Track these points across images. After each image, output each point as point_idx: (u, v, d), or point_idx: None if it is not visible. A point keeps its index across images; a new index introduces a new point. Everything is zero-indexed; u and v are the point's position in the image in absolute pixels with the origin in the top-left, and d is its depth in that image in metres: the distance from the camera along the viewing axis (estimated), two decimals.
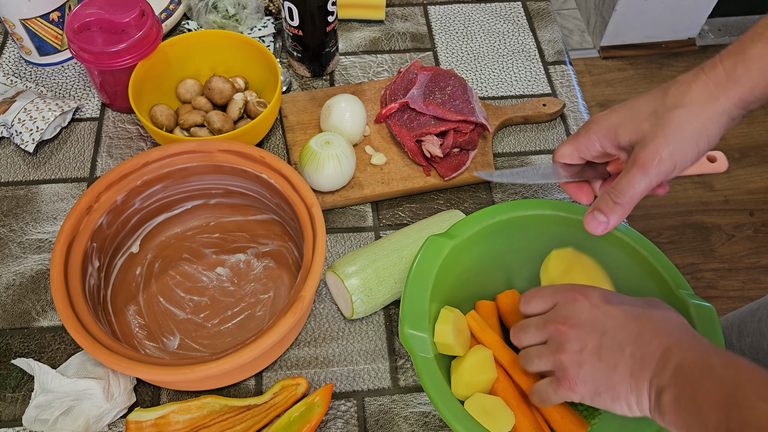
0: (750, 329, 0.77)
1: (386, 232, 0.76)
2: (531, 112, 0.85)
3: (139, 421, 0.60)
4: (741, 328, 0.79)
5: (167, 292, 0.70)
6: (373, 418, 0.64)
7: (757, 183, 1.85)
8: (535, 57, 0.94)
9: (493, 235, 0.63)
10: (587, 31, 2.20)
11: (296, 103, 0.84)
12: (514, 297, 0.65)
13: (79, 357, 0.62)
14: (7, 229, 0.75)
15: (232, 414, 0.61)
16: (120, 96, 0.82)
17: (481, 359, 0.58)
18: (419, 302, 0.57)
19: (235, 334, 0.68)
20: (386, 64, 0.92)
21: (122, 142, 0.83)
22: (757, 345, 0.74)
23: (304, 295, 0.58)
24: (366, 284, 0.65)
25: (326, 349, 0.68)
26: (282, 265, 0.72)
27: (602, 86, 2.07)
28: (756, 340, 0.75)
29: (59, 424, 0.59)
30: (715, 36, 2.19)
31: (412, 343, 0.55)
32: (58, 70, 0.90)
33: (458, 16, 0.99)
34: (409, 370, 0.67)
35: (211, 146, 0.67)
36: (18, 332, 0.68)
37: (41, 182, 0.79)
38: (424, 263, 0.59)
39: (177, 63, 0.82)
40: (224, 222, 0.74)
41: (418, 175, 0.79)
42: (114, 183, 0.65)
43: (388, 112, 0.80)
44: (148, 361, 0.55)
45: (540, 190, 0.81)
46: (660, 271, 0.59)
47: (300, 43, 0.85)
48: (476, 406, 0.56)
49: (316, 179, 0.74)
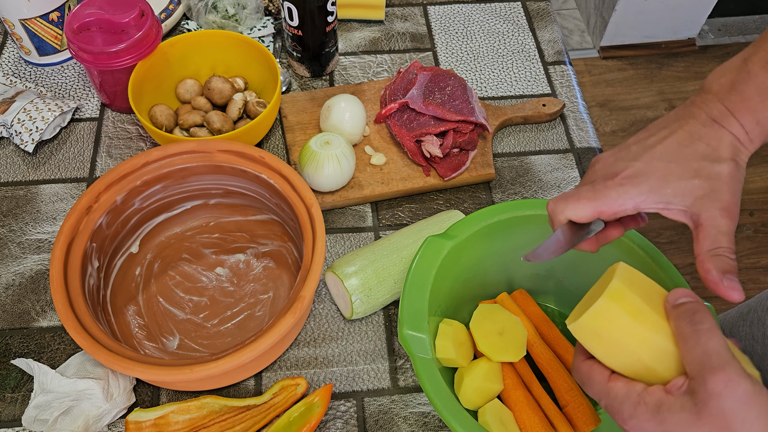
0: (742, 334, 0.76)
1: (386, 233, 0.76)
2: (531, 112, 0.85)
3: (139, 422, 0.60)
4: (732, 332, 0.78)
5: (167, 293, 0.70)
6: (372, 419, 0.64)
7: (757, 183, 1.85)
8: (534, 57, 0.94)
9: (493, 235, 0.63)
10: (587, 31, 2.20)
11: (296, 103, 0.84)
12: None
13: (79, 357, 0.62)
14: (7, 229, 0.75)
15: (231, 414, 0.61)
16: (119, 96, 0.82)
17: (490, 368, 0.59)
18: (418, 303, 0.57)
19: (235, 335, 0.68)
20: (386, 65, 0.92)
21: (122, 142, 0.83)
22: (751, 349, 0.74)
23: (304, 296, 0.58)
24: (365, 284, 0.65)
25: (326, 349, 0.68)
26: (282, 265, 0.72)
27: (602, 86, 2.07)
28: (749, 345, 0.74)
29: (59, 425, 0.59)
30: (715, 36, 2.19)
31: (411, 344, 0.55)
32: (57, 70, 0.90)
33: (458, 16, 0.99)
34: (408, 370, 0.67)
35: (211, 146, 0.67)
36: (17, 332, 0.68)
37: (41, 182, 0.79)
38: (423, 264, 0.59)
39: (177, 63, 0.82)
40: (224, 222, 0.74)
41: (418, 176, 0.79)
42: (114, 183, 0.65)
43: (387, 112, 0.80)
44: (148, 361, 0.55)
45: (540, 190, 0.81)
46: (659, 272, 0.59)
47: (300, 43, 0.85)
48: (493, 414, 0.57)
49: (316, 179, 0.74)
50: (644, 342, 0.42)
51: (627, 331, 0.43)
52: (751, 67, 0.48)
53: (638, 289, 0.44)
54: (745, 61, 0.49)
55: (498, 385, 0.59)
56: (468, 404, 0.58)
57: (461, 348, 0.59)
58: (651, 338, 0.42)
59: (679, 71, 2.10)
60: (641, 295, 0.44)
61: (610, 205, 0.48)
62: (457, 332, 0.59)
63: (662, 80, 2.08)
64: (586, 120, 0.88)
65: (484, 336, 0.60)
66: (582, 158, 0.84)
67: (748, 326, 0.75)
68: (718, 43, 2.17)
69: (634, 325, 0.43)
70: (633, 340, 0.43)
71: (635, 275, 0.46)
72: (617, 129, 1.97)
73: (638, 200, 0.47)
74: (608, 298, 0.43)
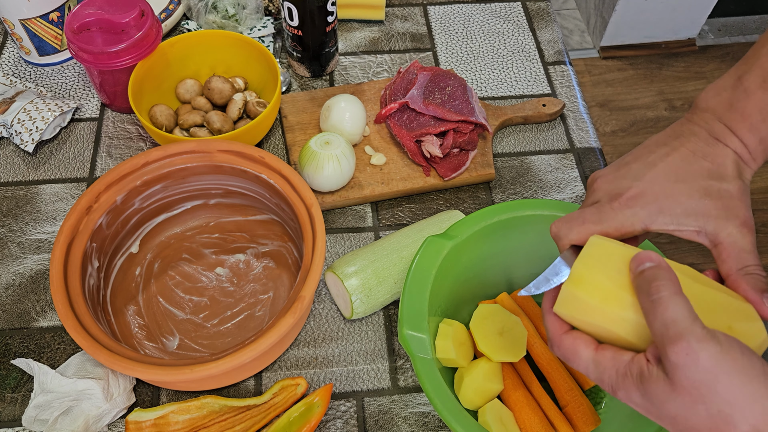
0: None
1: (386, 233, 0.76)
2: (531, 112, 0.85)
3: (139, 422, 0.60)
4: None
5: (167, 293, 0.70)
6: (372, 419, 0.64)
7: (757, 183, 1.85)
8: (534, 57, 0.94)
9: (493, 235, 0.63)
10: (587, 31, 2.20)
11: (296, 103, 0.84)
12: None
13: (79, 357, 0.62)
14: (7, 229, 0.75)
15: (231, 414, 0.61)
16: (119, 96, 0.82)
17: (490, 368, 0.59)
18: (418, 303, 0.57)
19: (235, 335, 0.68)
20: (386, 65, 0.92)
21: (122, 142, 0.83)
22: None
23: (304, 296, 0.58)
24: (365, 284, 0.65)
25: (326, 349, 0.68)
26: (281, 265, 0.72)
27: (602, 86, 2.07)
28: None
29: (59, 425, 0.59)
30: (715, 36, 2.19)
31: (411, 344, 0.55)
32: (57, 71, 0.90)
33: (458, 16, 0.99)
34: (408, 370, 0.67)
35: (211, 146, 0.67)
36: (17, 332, 0.68)
37: (41, 182, 0.79)
38: (423, 264, 0.59)
39: (176, 63, 0.82)
40: (224, 222, 0.74)
41: (418, 176, 0.79)
42: (113, 183, 0.65)
43: (387, 112, 0.80)
44: (148, 361, 0.55)
45: (540, 191, 0.81)
46: None
47: (300, 44, 0.85)
48: (493, 414, 0.57)
49: (316, 179, 0.74)
50: (616, 321, 0.42)
51: (596, 313, 0.42)
52: (747, 85, 0.47)
53: (605, 264, 0.43)
54: (739, 79, 0.48)
55: (498, 385, 0.59)
56: (468, 404, 0.58)
57: (461, 348, 0.59)
58: (621, 316, 0.41)
59: (679, 71, 2.10)
60: (607, 272, 0.42)
61: (618, 227, 0.46)
62: (457, 332, 0.59)
63: (662, 80, 2.08)
64: (586, 120, 0.88)
65: (484, 336, 0.60)
66: (582, 158, 0.84)
67: None
68: (718, 43, 2.17)
69: (601, 307, 0.42)
70: (605, 320, 0.42)
71: (605, 248, 0.44)
72: (617, 129, 1.97)
73: (647, 222, 0.46)
74: (571, 284, 0.43)
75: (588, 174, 0.82)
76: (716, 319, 0.41)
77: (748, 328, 0.41)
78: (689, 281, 0.43)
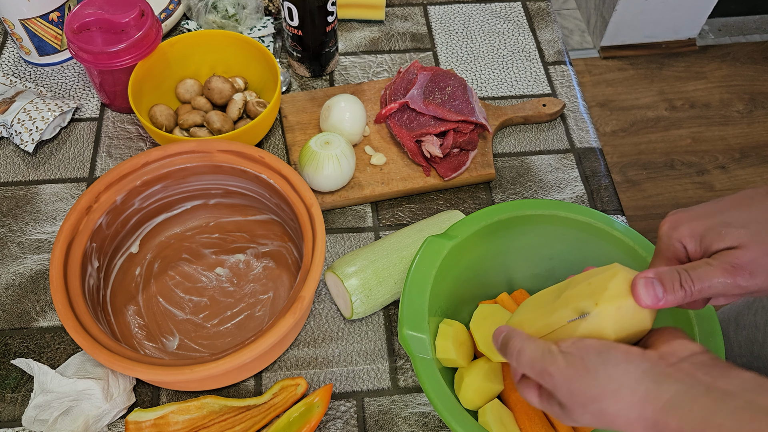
0: (746, 322, 0.77)
1: (386, 233, 0.76)
2: (531, 112, 0.85)
3: (139, 422, 0.60)
4: (738, 321, 0.79)
5: (167, 293, 0.70)
6: (372, 419, 0.64)
7: (757, 183, 1.84)
8: (535, 57, 0.94)
9: (493, 235, 0.62)
10: (587, 31, 2.20)
11: (296, 103, 0.84)
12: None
13: (79, 357, 0.62)
14: (7, 229, 0.75)
15: (231, 414, 0.61)
16: (119, 96, 0.82)
17: (490, 368, 0.59)
18: (418, 303, 0.57)
19: (235, 335, 0.68)
20: (386, 64, 0.92)
21: (122, 142, 0.83)
22: (753, 337, 0.75)
23: (304, 296, 0.58)
24: (365, 285, 0.65)
25: (326, 349, 0.68)
26: (281, 265, 0.72)
27: (602, 86, 2.07)
28: (752, 333, 0.75)
29: (58, 425, 0.59)
30: (716, 36, 2.19)
31: (411, 344, 0.55)
32: (57, 70, 0.90)
33: (458, 16, 0.99)
34: (408, 370, 0.67)
35: (211, 146, 0.67)
36: (17, 332, 0.68)
37: (41, 182, 0.79)
38: (423, 264, 0.59)
39: (176, 63, 0.82)
40: (224, 222, 0.74)
41: (418, 176, 0.79)
42: (113, 183, 0.65)
43: (387, 112, 0.80)
44: (148, 361, 0.55)
45: (540, 191, 0.81)
46: None
47: (300, 43, 0.85)
48: (493, 414, 0.57)
49: (316, 179, 0.73)
50: (537, 328, 0.48)
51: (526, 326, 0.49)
52: None
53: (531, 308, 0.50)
54: None
55: (498, 385, 0.59)
56: (468, 404, 0.58)
57: (461, 348, 0.59)
58: (537, 325, 0.49)
59: (679, 71, 2.09)
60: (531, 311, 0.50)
61: (669, 257, 0.48)
62: (457, 332, 0.59)
63: (663, 80, 2.08)
64: (587, 120, 0.88)
65: (484, 336, 0.60)
66: (582, 158, 0.84)
67: (753, 315, 0.76)
68: (719, 43, 2.17)
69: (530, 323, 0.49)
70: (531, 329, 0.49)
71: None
72: (617, 129, 1.96)
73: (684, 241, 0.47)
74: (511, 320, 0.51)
75: (588, 174, 0.82)
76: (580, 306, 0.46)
77: (611, 289, 0.45)
78: (543, 303, 0.49)
